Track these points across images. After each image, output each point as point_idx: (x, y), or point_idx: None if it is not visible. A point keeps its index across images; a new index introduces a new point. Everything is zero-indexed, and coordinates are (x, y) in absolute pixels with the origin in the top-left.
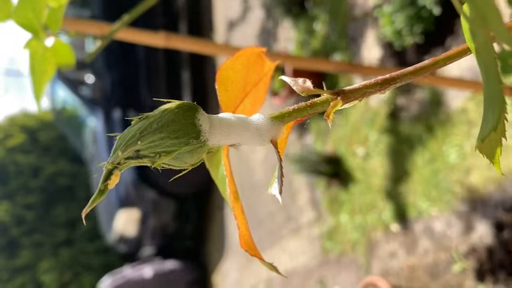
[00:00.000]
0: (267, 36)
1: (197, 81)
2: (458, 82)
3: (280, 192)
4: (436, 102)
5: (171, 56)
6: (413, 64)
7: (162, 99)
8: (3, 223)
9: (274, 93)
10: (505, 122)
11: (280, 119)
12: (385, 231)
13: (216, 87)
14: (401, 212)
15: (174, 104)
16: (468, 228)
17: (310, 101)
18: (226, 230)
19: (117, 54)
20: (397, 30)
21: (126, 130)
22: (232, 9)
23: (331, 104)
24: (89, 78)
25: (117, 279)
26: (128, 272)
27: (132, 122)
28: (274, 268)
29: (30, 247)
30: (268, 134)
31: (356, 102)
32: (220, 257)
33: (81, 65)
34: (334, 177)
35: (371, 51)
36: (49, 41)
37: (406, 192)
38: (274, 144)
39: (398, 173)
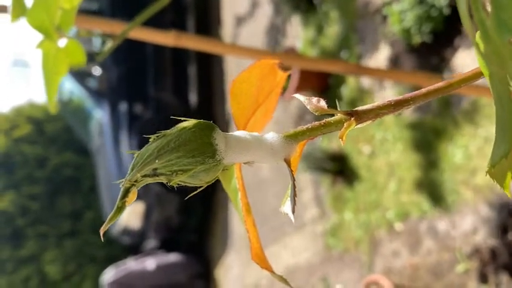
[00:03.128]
0: (275, 33)
1: (203, 75)
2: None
3: (293, 212)
4: (442, 103)
5: (178, 50)
6: (420, 64)
7: (180, 119)
8: (9, 213)
9: (282, 90)
10: None
11: (293, 137)
12: (388, 230)
13: (230, 101)
14: (406, 211)
15: (191, 122)
16: (472, 229)
17: (324, 121)
18: (230, 225)
19: (124, 47)
20: (405, 28)
21: (144, 148)
22: (240, 5)
23: (345, 124)
24: (96, 70)
25: (120, 271)
26: (131, 264)
27: (150, 140)
28: (284, 280)
29: (34, 238)
30: (282, 152)
31: (369, 122)
32: (223, 251)
33: (89, 57)
34: (339, 174)
35: (379, 50)
36: (61, 42)
37: (410, 192)
38: (288, 162)
39: (404, 172)
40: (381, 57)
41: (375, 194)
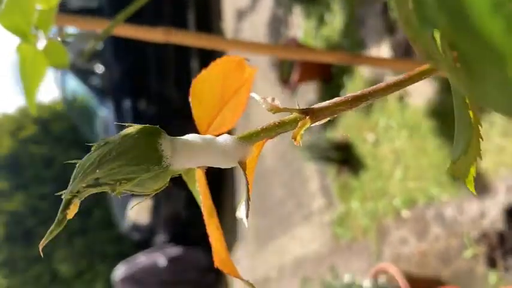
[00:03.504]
0: (277, 25)
1: None
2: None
3: (247, 216)
4: (446, 88)
5: (180, 45)
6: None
7: (127, 125)
8: (19, 213)
9: (284, 81)
10: (480, 140)
11: (247, 139)
12: (396, 218)
13: (190, 101)
14: (412, 198)
15: (135, 128)
16: (479, 214)
17: (278, 120)
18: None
19: (126, 43)
20: None
21: (85, 157)
22: None
23: (299, 123)
24: (99, 68)
25: (131, 267)
26: (142, 259)
27: (92, 149)
28: (250, 285)
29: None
30: (235, 155)
31: (326, 120)
32: (232, 244)
33: (91, 55)
34: (344, 164)
35: (382, 38)
36: (41, 43)
37: (417, 178)
38: (242, 165)
39: (409, 159)
40: (383, 46)
41: (380, 182)
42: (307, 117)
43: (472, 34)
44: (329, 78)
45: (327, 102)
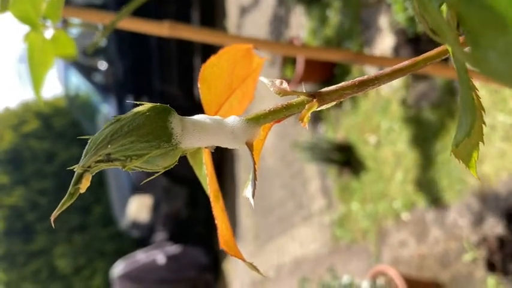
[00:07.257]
0: (279, 23)
1: None
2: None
3: (253, 196)
4: (447, 91)
5: (183, 42)
6: (425, 52)
7: (139, 102)
8: (19, 208)
9: (287, 81)
10: (483, 126)
11: (255, 120)
12: (396, 220)
13: (199, 86)
14: (412, 200)
15: (146, 106)
16: (480, 218)
17: (286, 103)
18: (237, 216)
19: (129, 40)
20: (410, 17)
21: (97, 133)
22: None
23: (306, 106)
24: (102, 65)
25: (130, 264)
26: (141, 257)
27: (104, 125)
28: (254, 268)
29: (45, 232)
30: (243, 136)
31: (333, 103)
32: None
33: (94, 52)
34: (345, 165)
35: (384, 39)
36: (49, 33)
37: (417, 181)
38: (250, 146)
39: (410, 161)
40: (385, 46)
41: (381, 184)
42: (314, 100)
43: (478, 4)
44: (330, 79)
45: (334, 86)
